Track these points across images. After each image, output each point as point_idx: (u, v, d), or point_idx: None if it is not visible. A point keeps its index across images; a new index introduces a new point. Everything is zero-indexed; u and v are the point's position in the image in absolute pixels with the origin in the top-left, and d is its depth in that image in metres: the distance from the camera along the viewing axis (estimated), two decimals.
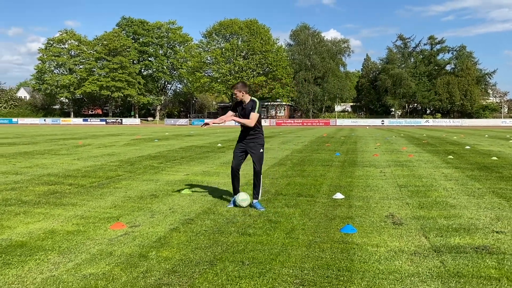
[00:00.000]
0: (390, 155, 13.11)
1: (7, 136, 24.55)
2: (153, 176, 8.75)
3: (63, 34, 79.10)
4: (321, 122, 66.06)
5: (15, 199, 6.46)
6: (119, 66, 73.49)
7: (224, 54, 68.81)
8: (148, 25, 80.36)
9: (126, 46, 75.52)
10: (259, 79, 67.96)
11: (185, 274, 3.56)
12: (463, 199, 6.43)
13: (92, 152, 14.05)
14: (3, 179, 8.22)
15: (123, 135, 26.43)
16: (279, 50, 72.02)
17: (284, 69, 70.00)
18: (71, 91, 77.21)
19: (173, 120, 68.77)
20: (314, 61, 76.35)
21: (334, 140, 21.07)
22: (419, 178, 8.51)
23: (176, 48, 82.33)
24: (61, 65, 78.91)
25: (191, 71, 70.85)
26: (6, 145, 16.98)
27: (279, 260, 3.87)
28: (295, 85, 74.06)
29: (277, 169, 9.91)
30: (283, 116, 79.46)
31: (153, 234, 4.70)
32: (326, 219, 5.34)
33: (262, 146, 6.17)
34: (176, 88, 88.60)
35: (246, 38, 69.23)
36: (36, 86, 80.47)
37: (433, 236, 4.57)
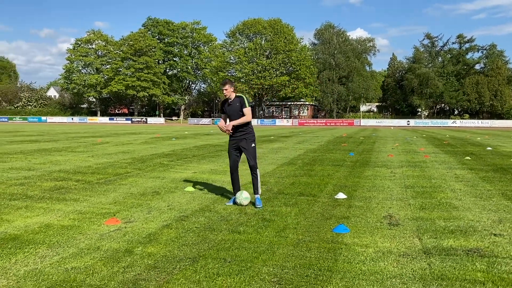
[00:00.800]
0: (406, 155, 12.84)
1: (32, 134, 25.26)
2: (160, 174, 8.83)
3: (91, 34, 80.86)
4: (344, 122, 65.37)
5: (20, 194, 6.63)
6: (144, 66, 74.64)
7: (247, 53, 68.93)
8: (173, 25, 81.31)
9: (152, 46, 76.61)
10: (282, 79, 67.78)
11: (165, 270, 3.56)
12: (469, 201, 6.23)
13: (108, 149, 14.30)
14: (15, 175, 8.45)
15: (143, 134, 26.81)
16: (302, 49, 71.66)
17: (308, 68, 69.61)
18: (98, 90, 78.87)
19: (196, 120, 69.37)
20: (339, 60, 75.69)
21: (352, 140, 20.80)
22: (429, 179, 8.29)
23: (201, 48, 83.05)
24: (88, 65, 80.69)
25: (215, 71, 71.30)
26: (28, 142, 17.47)
27: (262, 259, 3.83)
28: (319, 85, 73.55)
29: (285, 168, 9.84)
30: (306, 116, 79.07)
31: (145, 230, 4.73)
32: (321, 218, 5.26)
33: (253, 141, 6.17)
34: (200, 88, 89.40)
35: (270, 38, 69.18)
36: (64, 85, 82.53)
37: (427, 238, 4.44)
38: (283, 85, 69.29)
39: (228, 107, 6.06)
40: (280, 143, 18.53)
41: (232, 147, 6.18)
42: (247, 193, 6.02)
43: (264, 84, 68.74)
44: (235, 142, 6.15)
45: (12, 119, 78.49)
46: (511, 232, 4.63)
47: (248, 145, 6.10)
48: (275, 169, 9.61)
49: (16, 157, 11.62)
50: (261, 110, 75.76)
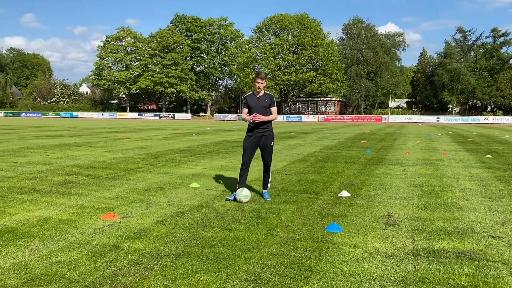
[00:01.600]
0: (424, 153, 12.51)
1: (59, 129, 25.98)
2: (170, 169, 8.90)
3: (120, 31, 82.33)
4: (372, 119, 64.31)
5: (29, 187, 6.82)
6: (172, 62, 75.50)
7: (273, 49, 68.71)
8: (201, 22, 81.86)
9: (179, 42, 77.38)
10: (308, 74, 67.25)
11: (145, 266, 3.59)
12: (476, 201, 6.01)
13: (126, 145, 14.54)
14: (30, 169, 8.70)
15: (166, 130, 27.16)
16: (330, 44, 70.84)
17: (335, 63, 68.77)
18: (127, 86, 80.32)
19: (222, 116, 69.74)
20: (367, 56, 74.52)
21: (373, 137, 20.45)
22: (440, 177, 8.05)
23: (228, 44, 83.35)
24: (118, 61, 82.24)
25: (241, 67, 71.44)
26: (52, 137, 17.97)
27: (245, 257, 3.81)
28: (346, 80, 72.62)
29: (296, 165, 9.76)
30: (333, 112, 78.27)
31: (138, 225, 4.78)
32: (318, 217, 5.19)
33: (272, 140, 6.28)
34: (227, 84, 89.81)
35: (296, 33, 68.70)
36: (95, 81, 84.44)
37: (420, 239, 4.31)
38: (309, 81, 68.75)
39: (255, 101, 6.06)
40: (299, 139, 18.40)
41: (250, 143, 6.16)
42: (248, 191, 5.99)
43: (290, 80, 68.39)
44: (254, 138, 6.15)
45: (46, 115, 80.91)
46: (511, 234, 4.44)
47: (267, 144, 6.19)
48: (285, 166, 9.55)
49: (36, 151, 11.98)
50: (287, 107, 75.45)
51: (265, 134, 6.15)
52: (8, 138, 17.10)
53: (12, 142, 15.22)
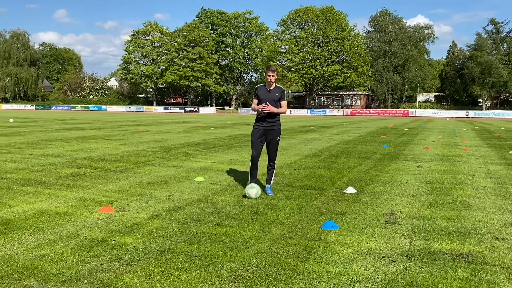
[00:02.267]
0: (443, 148, 12.09)
1: (83, 122, 26.48)
2: (179, 163, 8.88)
3: (147, 26, 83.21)
4: (398, 113, 63.02)
5: (36, 179, 6.90)
6: (197, 56, 75.87)
7: (298, 42, 68.07)
8: (226, 16, 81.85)
9: (204, 37, 77.63)
10: (333, 68, 66.36)
11: (128, 262, 3.53)
12: (487, 200, 5.72)
13: (143, 138, 14.65)
14: (42, 161, 8.83)
15: (187, 123, 27.29)
16: (356, 37, 69.64)
17: (361, 57, 67.61)
18: (153, 80, 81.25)
19: (246, 109, 69.65)
20: (394, 49, 72.89)
21: (394, 132, 19.96)
22: (455, 174, 7.72)
23: (252, 38, 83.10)
24: (145, 55, 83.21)
25: (265, 61, 71.14)
26: (74, 130, 18.30)
27: (231, 255, 3.70)
28: (373, 74, 71.31)
29: (308, 160, 9.57)
30: (359, 106, 77.10)
31: (132, 219, 4.74)
32: (317, 214, 5.03)
33: (279, 135, 6.25)
34: (251, 78, 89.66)
35: (322, 26, 67.82)
36: (122, 75, 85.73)
37: (419, 239, 4.10)
38: (334, 74, 67.85)
39: (265, 93, 6.01)
40: (317, 133, 18.13)
41: (257, 137, 6.13)
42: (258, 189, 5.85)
43: (315, 74, 67.67)
44: (261, 131, 6.12)
45: (75, 108, 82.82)
46: None
47: (274, 138, 6.15)
48: (296, 161, 9.38)
49: (53, 144, 12.18)
50: (312, 100, 74.76)
51: (272, 128, 6.11)
52: (32, 131, 17.51)
53: (34, 134, 15.57)
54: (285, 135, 17.05)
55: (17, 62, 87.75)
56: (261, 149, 6.15)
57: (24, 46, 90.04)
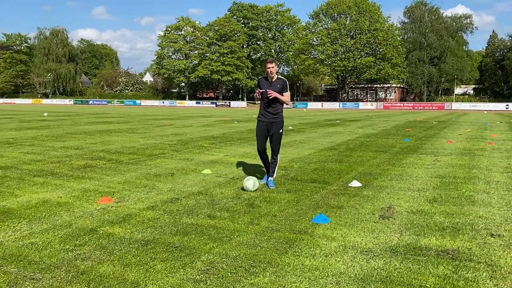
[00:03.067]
0: (467, 142, 11.65)
1: (113, 116, 27.14)
2: (192, 156, 8.95)
3: (180, 21, 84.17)
4: (434, 106, 61.17)
5: (48, 170, 7.12)
6: (229, 50, 76.16)
7: (330, 34, 67.15)
8: (258, 9, 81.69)
9: (236, 31, 77.80)
10: (366, 60, 65.10)
11: (109, 251, 3.59)
12: (496, 195, 5.47)
13: (165, 131, 14.86)
14: (59, 153, 9.11)
15: (213, 117, 27.50)
16: (390, 28, 67.98)
17: (395, 48, 65.99)
18: (186, 75, 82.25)
19: None
20: (430, 40, 70.67)
21: (422, 125, 19.40)
22: (471, 168, 7.43)
23: (284, 31, 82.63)
24: (177, 50, 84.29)
25: (297, 53, 70.62)
26: (101, 124, 18.79)
27: (211, 246, 3.70)
28: (407, 66, 69.48)
29: (322, 153, 9.44)
30: (393, 99, 75.41)
31: (127, 210, 4.81)
32: (313, 207, 4.96)
33: (281, 127, 6.23)
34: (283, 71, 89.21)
35: (354, 17, 66.59)
36: (156, 70, 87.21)
37: (409, 234, 3.97)
38: (367, 66, 66.58)
39: (267, 86, 6.04)
40: (341, 127, 17.86)
41: (261, 131, 6.19)
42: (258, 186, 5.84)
43: (347, 66, 66.61)
44: (265, 125, 6.17)
45: (111, 102, 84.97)
46: None
47: (276, 130, 6.14)
48: (310, 154, 9.27)
49: (77, 136, 12.55)
50: (344, 93, 73.70)
51: (274, 121, 6.14)
52: (61, 124, 18.10)
53: (62, 128, 16.09)
54: (307, 128, 16.91)
55: (56, 58, 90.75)
56: (265, 141, 6.22)
57: (62, 42, 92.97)
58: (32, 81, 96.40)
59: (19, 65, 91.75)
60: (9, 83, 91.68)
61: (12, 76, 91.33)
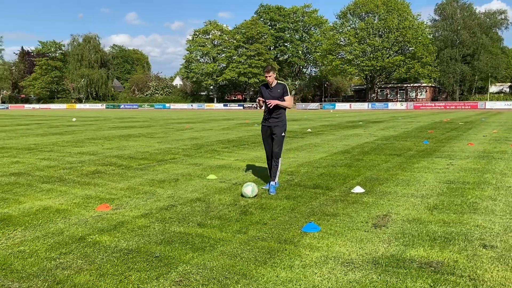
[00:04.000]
0: (489, 144, 11.20)
1: (138, 120, 27.63)
2: (202, 160, 8.99)
3: (208, 25, 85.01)
4: (467, 105, 59.37)
5: (58, 177, 7.30)
6: (255, 53, 76.36)
7: (357, 34, 66.24)
8: (284, 11, 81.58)
9: (263, 33, 77.92)
10: (395, 59, 63.84)
11: (91, 260, 3.62)
12: (503, 202, 5.21)
13: (183, 135, 15.00)
14: (74, 159, 9.33)
15: (235, 120, 27.56)
16: (419, 26, 66.43)
17: (425, 46, 64.43)
18: (213, 78, 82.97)
19: (304, 105, 69.09)
20: (463, 37, 68.61)
21: (447, 126, 18.81)
22: (484, 173, 7.13)
23: (311, 31, 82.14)
24: (205, 54, 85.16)
25: (324, 54, 70.03)
26: (124, 128, 19.15)
27: (192, 256, 3.68)
28: (439, 64, 67.69)
29: (333, 157, 9.29)
30: (424, 98, 73.62)
31: (121, 217, 4.86)
32: (307, 215, 4.87)
33: (284, 130, 6.26)
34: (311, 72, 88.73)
35: (383, 16, 65.44)
36: (184, 74, 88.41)
37: (397, 244, 3.84)
38: (396, 65, 65.29)
39: (268, 92, 6.16)
40: (361, 129, 17.54)
41: (266, 134, 6.30)
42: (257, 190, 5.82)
43: (376, 66, 65.51)
44: (268, 128, 6.24)
45: (141, 106, 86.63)
46: (510, 245, 3.77)
47: (278, 133, 6.18)
48: (320, 158, 9.14)
49: (95, 142, 12.83)
50: (373, 93, 72.51)
51: (277, 124, 6.17)
52: (86, 129, 18.57)
53: (85, 133, 16.49)
54: (326, 131, 16.70)
55: (88, 64, 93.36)
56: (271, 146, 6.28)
57: (95, 48, 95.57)
58: (66, 87, 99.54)
59: (54, 71, 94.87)
60: (45, 89, 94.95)
61: (47, 82, 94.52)
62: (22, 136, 15.09)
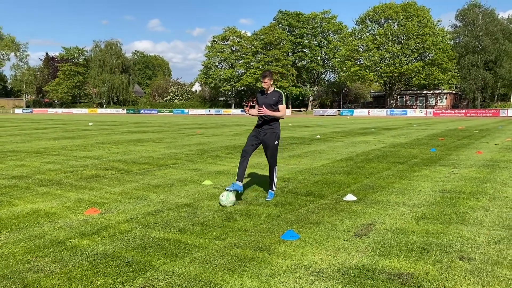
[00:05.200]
0: (498, 153, 10.91)
1: (152, 125, 27.92)
2: (201, 166, 9.01)
3: (226, 31, 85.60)
4: (488, 113, 58.08)
5: (56, 180, 7.41)
6: (273, 59, 76.49)
7: (376, 40, 65.69)
8: (303, 17, 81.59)
9: (281, 39, 78.03)
10: (414, 65, 63.05)
11: (64, 264, 3.66)
12: (494, 213, 5.06)
13: (191, 140, 15.08)
14: (78, 163, 9.46)
15: (248, 125, 27.56)
16: (440, 32, 65.50)
17: (445, 53, 63.45)
18: (231, 84, 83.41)
19: (322, 111, 68.72)
20: (484, 43, 67.38)
21: (460, 134, 18.43)
22: (484, 182, 6.94)
23: (330, 37, 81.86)
24: (224, 60, 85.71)
25: (342, 60, 69.67)
26: (135, 133, 19.36)
27: (162, 262, 3.69)
28: (459, 71, 66.54)
29: (336, 164, 9.20)
30: (444, 105, 72.42)
31: (106, 222, 4.90)
32: (291, 222, 4.82)
33: (277, 138, 6.11)
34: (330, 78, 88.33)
35: (402, 22, 64.77)
36: (203, 80, 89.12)
37: (372, 254, 3.76)
38: (416, 72, 64.45)
39: (262, 98, 6.05)
40: (372, 136, 17.32)
41: (254, 135, 6.12)
42: (234, 198, 5.74)
43: (395, 72, 64.81)
44: (259, 135, 6.09)
45: (161, 111, 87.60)
46: (489, 257, 3.64)
47: (271, 141, 6.05)
48: (322, 165, 9.06)
49: (103, 146, 13.00)
50: (392, 100, 71.69)
51: (270, 132, 6.03)
52: (99, 134, 18.85)
53: (97, 137, 16.74)
54: (336, 137, 16.56)
55: (110, 70, 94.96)
56: (253, 147, 6.06)
57: (116, 54, 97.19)
58: (89, 92, 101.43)
59: (76, 76, 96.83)
60: (68, 93, 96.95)
61: (70, 87, 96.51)
62: (36, 140, 15.41)
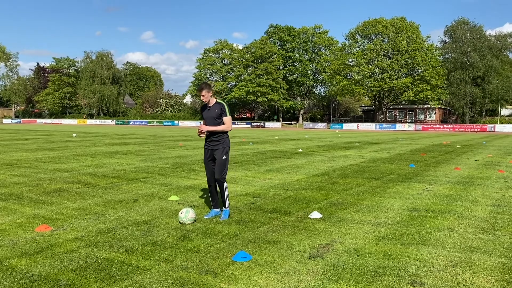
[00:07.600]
0: (477, 169, 10.84)
1: (136, 137, 27.60)
2: (173, 180, 8.80)
3: (218, 44, 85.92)
4: (476, 128, 58.60)
5: (17, 194, 7.14)
6: (264, 72, 76.76)
7: (365, 55, 66.24)
8: (294, 31, 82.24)
9: (272, 52, 78.44)
10: (404, 81, 63.56)
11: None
12: (458, 234, 4.91)
13: (170, 153, 14.84)
14: (46, 175, 9.20)
15: (234, 138, 27.37)
16: (429, 48, 66.26)
17: (435, 69, 64.12)
18: (222, 96, 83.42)
19: (311, 124, 68.86)
20: (473, 59, 68.27)
21: (443, 149, 18.40)
22: (455, 200, 6.81)
23: (321, 52, 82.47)
24: (215, 72, 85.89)
25: (332, 74, 70.10)
26: (116, 145, 19.06)
27: (99, 286, 3.46)
28: (448, 86, 67.21)
29: (310, 179, 9.03)
30: (433, 120, 72.95)
31: (53, 240, 4.66)
32: (247, 242, 4.62)
33: (226, 153, 5.84)
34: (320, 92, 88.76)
35: (392, 37, 65.45)
36: (194, 92, 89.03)
37: (320, 278, 3.57)
38: (405, 87, 64.95)
39: (206, 112, 5.84)
40: (354, 150, 17.21)
41: (207, 158, 5.91)
42: (193, 214, 5.52)
43: (384, 87, 65.25)
44: (209, 151, 5.89)
45: (150, 123, 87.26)
46: (442, 282, 3.47)
47: (219, 156, 5.78)
48: (297, 180, 8.89)
49: (78, 158, 12.72)
50: (381, 114, 72.07)
51: (218, 147, 5.78)
52: (79, 145, 18.53)
53: (75, 149, 16.43)
54: (318, 151, 16.42)
55: (100, 81, 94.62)
56: (214, 168, 5.84)
57: (107, 65, 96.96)
58: (79, 102, 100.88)
59: (66, 87, 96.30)
60: (57, 104, 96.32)
61: (60, 97, 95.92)
62: (12, 151, 15.07)
